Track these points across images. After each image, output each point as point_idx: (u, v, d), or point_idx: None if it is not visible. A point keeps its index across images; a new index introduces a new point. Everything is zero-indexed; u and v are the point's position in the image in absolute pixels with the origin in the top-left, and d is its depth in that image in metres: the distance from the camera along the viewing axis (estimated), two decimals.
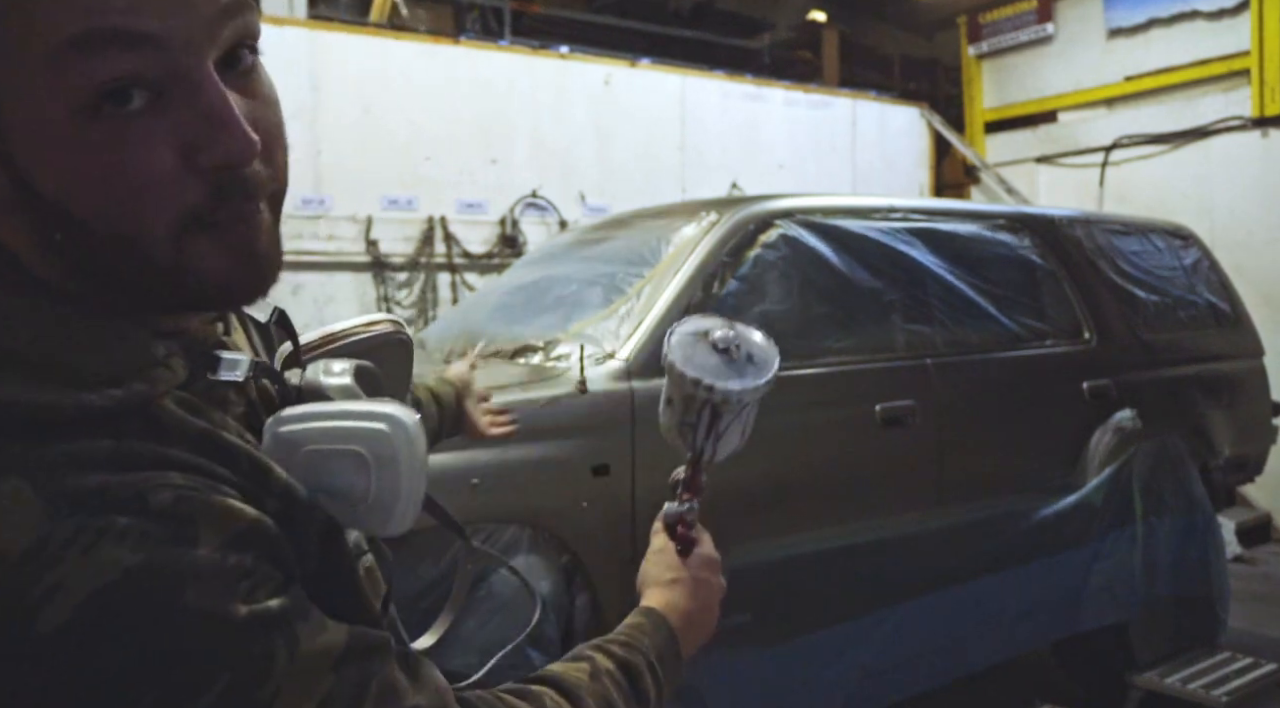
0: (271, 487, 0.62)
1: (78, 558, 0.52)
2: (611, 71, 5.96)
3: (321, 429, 0.67)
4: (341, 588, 0.66)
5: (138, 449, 0.57)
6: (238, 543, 0.57)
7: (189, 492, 0.56)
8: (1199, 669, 3.36)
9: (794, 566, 2.64)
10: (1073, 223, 3.80)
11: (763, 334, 0.96)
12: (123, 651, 0.52)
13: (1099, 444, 3.35)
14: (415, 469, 0.66)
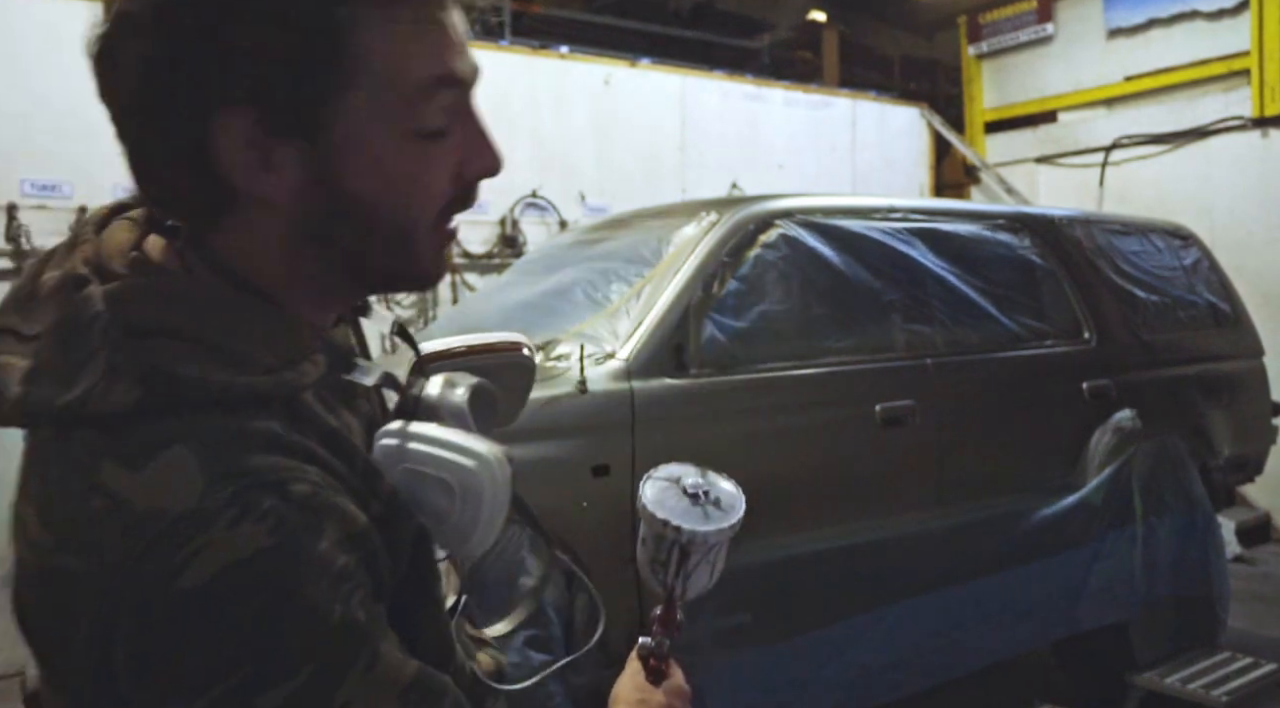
0: (379, 491, 0.69)
1: (224, 530, 0.59)
2: (611, 71, 5.96)
3: (420, 452, 0.73)
4: (424, 593, 0.73)
5: (290, 439, 0.65)
6: (349, 545, 0.64)
7: (322, 488, 0.64)
8: (1199, 669, 3.36)
9: (794, 566, 2.65)
10: (1073, 223, 3.80)
11: (732, 482, 1.02)
12: (239, 621, 0.59)
13: (1099, 444, 3.35)
14: (496, 507, 0.74)
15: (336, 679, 0.62)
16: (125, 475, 0.60)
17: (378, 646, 0.64)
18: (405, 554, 0.70)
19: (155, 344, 0.63)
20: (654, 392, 2.52)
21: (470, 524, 0.73)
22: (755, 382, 2.72)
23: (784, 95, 6.77)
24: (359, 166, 0.67)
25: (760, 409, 2.73)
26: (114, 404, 0.61)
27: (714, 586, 1.02)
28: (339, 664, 0.62)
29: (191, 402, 0.63)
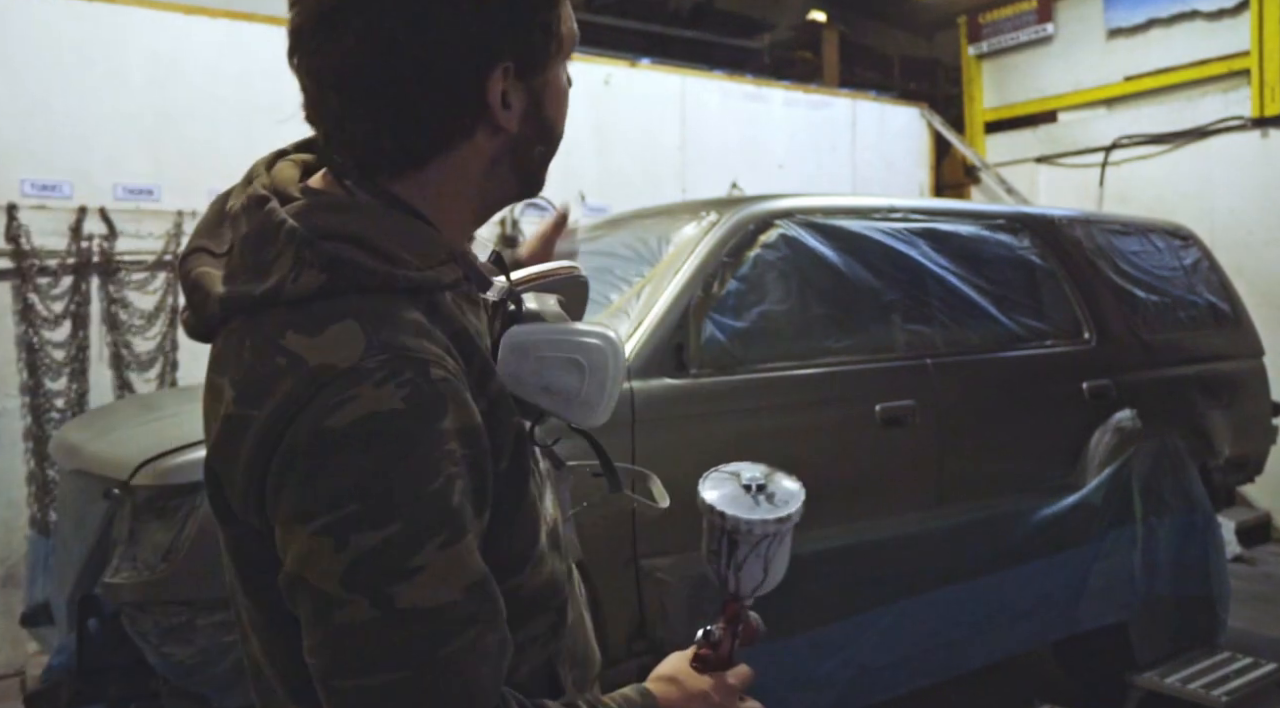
0: (489, 389, 0.83)
1: (372, 386, 0.74)
2: (611, 71, 5.96)
3: (551, 340, 0.90)
4: (518, 491, 0.85)
5: (435, 331, 0.80)
6: (463, 437, 0.77)
7: (453, 378, 0.78)
8: (1199, 669, 3.36)
9: (794, 565, 2.64)
10: (1073, 223, 3.80)
11: (795, 482, 1.07)
12: (361, 464, 0.73)
13: (1099, 444, 3.35)
14: (617, 377, 0.91)
15: (418, 542, 0.73)
16: (305, 340, 0.76)
17: (462, 532, 0.76)
18: (506, 451, 0.83)
19: (332, 244, 0.80)
20: (654, 392, 2.52)
21: (596, 396, 0.90)
22: (755, 382, 2.72)
23: (784, 95, 6.77)
24: (552, 99, 0.92)
25: (760, 409, 2.73)
26: (303, 289, 0.78)
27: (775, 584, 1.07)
28: (424, 529, 0.74)
29: (363, 286, 0.79)
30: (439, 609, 0.74)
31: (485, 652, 0.77)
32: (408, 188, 0.87)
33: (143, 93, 4.38)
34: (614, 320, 2.66)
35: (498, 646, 0.78)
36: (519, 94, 0.88)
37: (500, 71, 0.86)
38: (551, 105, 0.92)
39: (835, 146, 6.96)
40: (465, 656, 0.75)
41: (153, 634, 2.16)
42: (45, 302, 4.18)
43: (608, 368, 0.90)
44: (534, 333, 0.90)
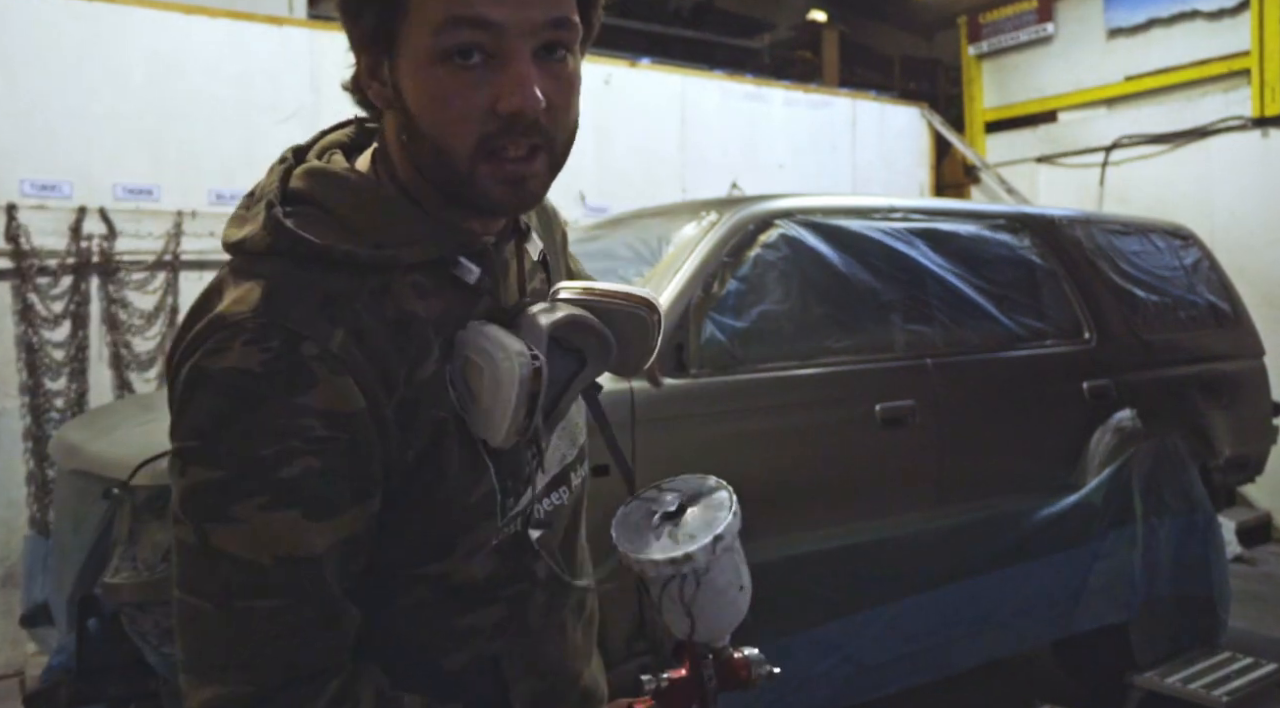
0: (415, 378, 0.84)
1: (240, 343, 0.78)
2: (611, 71, 5.96)
3: (477, 343, 0.86)
4: (431, 478, 0.86)
5: (350, 311, 0.82)
6: (328, 420, 0.79)
7: (333, 359, 0.79)
8: (1199, 669, 3.36)
9: (794, 565, 2.64)
10: (1073, 223, 3.80)
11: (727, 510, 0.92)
12: (211, 409, 0.78)
13: (1099, 444, 3.35)
14: (510, 399, 0.83)
15: (236, 495, 0.77)
16: (231, 290, 0.82)
17: (292, 504, 0.78)
18: (421, 437, 0.85)
19: (300, 210, 0.86)
20: (654, 392, 2.52)
21: (491, 408, 0.85)
22: (755, 382, 2.72)
23: (784, 95, 6.77)
24: (408, 82, 0.84)
25: (760, 409, 2.73)
26: (257, 245, 0.84)
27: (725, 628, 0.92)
28: (244, 486, 0.77)
29: (296, 253, 0.83)
30: (246, 563, 0.77)
31: (290, 625, 0.79)
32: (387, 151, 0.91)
33: (143, 93, 4.38)
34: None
35: (308, 624, 0.79)
36: (387, 70, 0.86)
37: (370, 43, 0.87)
38: (410, 90, 0.85)
39: (835, 146, 6.96)
40: (262, 621, 0.78)
41: (152, 634, 2.16)
42: (45, 302, 4.18)
43: (501, 383, 0.84)
44: (473, 330, 0.87)
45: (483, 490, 0.89)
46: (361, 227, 0.86)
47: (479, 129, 0.83)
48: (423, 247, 0.87)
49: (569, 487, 1.03)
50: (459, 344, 0.87)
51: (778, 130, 6.65)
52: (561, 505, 1.01)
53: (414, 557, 0.89)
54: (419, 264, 0.87)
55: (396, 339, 0.84)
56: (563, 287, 0.98)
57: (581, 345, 0.92)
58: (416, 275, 0.87)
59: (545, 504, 0.97)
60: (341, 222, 0.86)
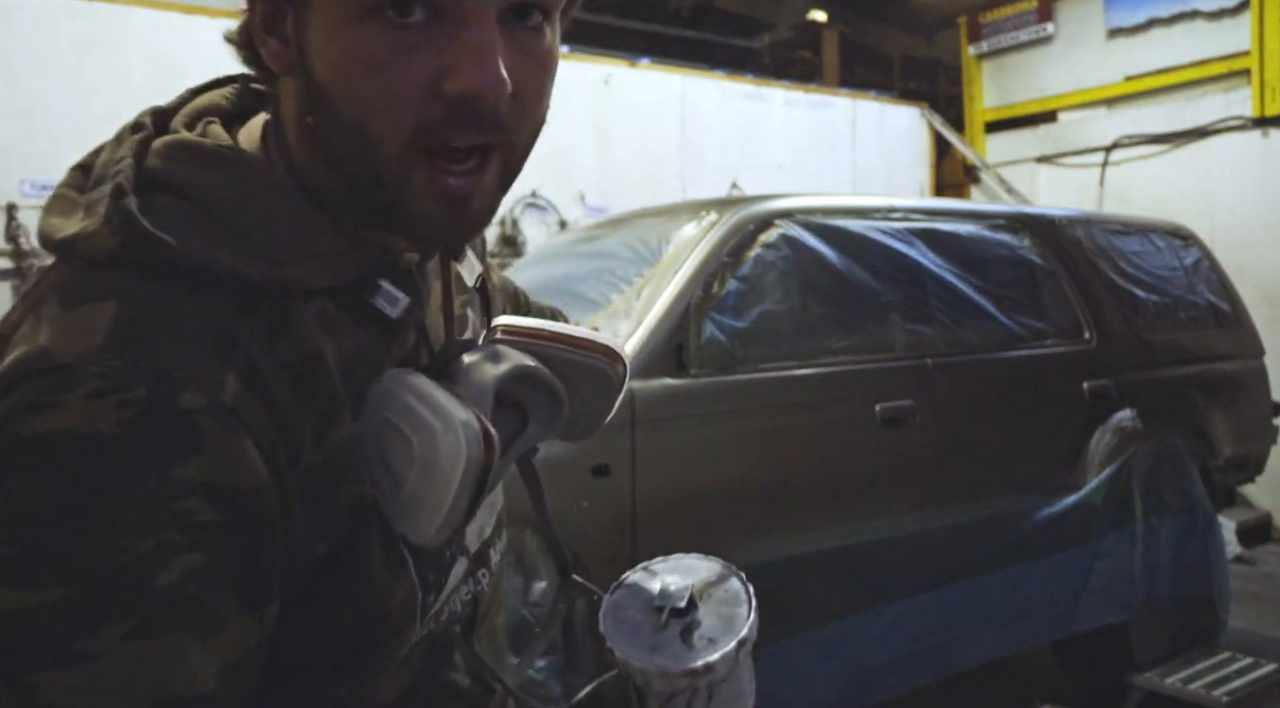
0: (327, 441, 0.62)
1: (82, 396, 0.54)
2: (611, 71, 5.96)
3: (402, 403, 0.64)
4: (351, 577, 0.63)
5: (243, 348, 0.59)
6: (214, 493, 0.55)
7: (223, 414, 0.56)
8: (1199, 670, 3.35)
9: (794, 565, 2.64)
10: (1073, 223, 3.80)
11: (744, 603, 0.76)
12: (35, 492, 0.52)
13: (1099, 444, 3.35)
14: (451, 484, 0.61)
15: (88, 621, 0.52)
16: (59, 312, 0.57)
17: (172, 626, 0.54)
18: (337, 522, 0.62)
19: (160, 200, 0.61)
20: (654, 392, 2.52)
21: (417, 499, 0.62)
22: (755, 382, 2.72)
23: (784, 95, 6.77)
24: (321, 41, 0.61)
25: (760, 409, 2.73)
26: (95, 250, 0.59)
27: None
28: (101, 607, 0.52)
29: (155, 265, 0.58)
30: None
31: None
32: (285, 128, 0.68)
33: (143, 93, 4.35)
34: (614, 320, 2.66)
35: None
36: (289, 26, 0.63)
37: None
38: (319, 51, 0.61)
39: (835, 146, 6.96)
40: None
41: None
42: None
43: (437, 464, 0.61)
44: (396, 381, 0.64)
45: (404, 590, 0.67)
46: (250, 232, 0.62)
47: (415, 115, 0.60)
48: (335, 265, 0.64)
49: (488, 568, 0.80)
50: (375, 400, 0.64)
51: (778, 130, 6.65)
52: (480, 592, 0.79)
53: (310, 679, 0.65)
54: (329, 289, 0.64)
55: (298, 389, 0.60)
56: (503, 325, 0.75)
57: (524, 401, 0.70)
58: (322, 302, 0.64)
59: (463, 593, 0.76)
60: (221, 223, 0.61)
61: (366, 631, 0.65)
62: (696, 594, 0.75)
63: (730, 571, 0.78)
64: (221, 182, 0.63)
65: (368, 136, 0.61)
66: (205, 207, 0.62)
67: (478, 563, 0.78)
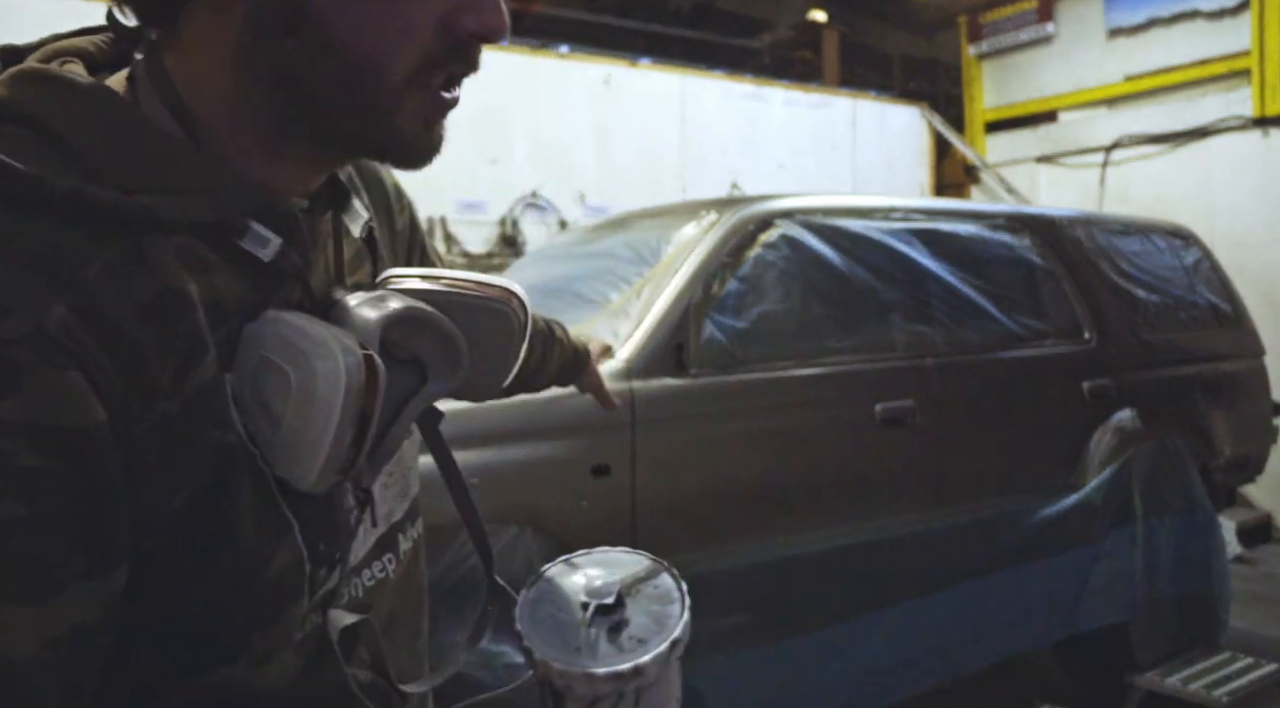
0: (186, 385, 0.56)
1: None
2: (611, 71, 5.96)
3: (278, 336, 0.59)
4: (214, 536, 0.58)
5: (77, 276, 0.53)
6: (38, 435, 0.49)
7: (48, 341, 0.50)
8: (1199, 670, 3.36)
9: (794, 566, 2.64)
10: (1073, 223, 3.80)
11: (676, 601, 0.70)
12: None
13: (1099, 444, 3.35)
14: (329, 417, 0.56)
15: None
16: None
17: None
18: (194, 470, 0.56)
19: (3, 129, 0.56)
20: (654, 392, 2.52)
21: (296, 438, 0.58)
22: (755, 382, 2.72)
23: (784, 95, 6.77)
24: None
25: (760, 409, 2.73)
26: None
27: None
28: None
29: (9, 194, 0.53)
30: None
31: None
32: (174, 62, 0.62)
33: None
34: (614, 320, 2.66)
35: None
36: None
37: None
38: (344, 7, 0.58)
39: (835, 146, 6.97)
40: None
41: None
42: None
43: (317, 399, 0.57)
44: (278, 322, 0.60)
45: (285, 558, 0.61)
46: (101, 161, 0.57)
47: (423, 49, 0.60)
48: (196, 200, 0.58)
49: (396, 555, 0.75)
50: (248, 341, 0.60)
51: (778, 130, 6.66)
52: (385, 580, 0.73)
53: (181, 660, 0.59)
54: (190, 224, 0.59)
55: (154, 327, 0.55)
56: (393, 274, 0.70)
57: (420, 354, 0.65)
58: (186, 239, 0.59)
59: (365, 577, 0.70)
60: (68, 151, 0.56)
61: (240, 601, 0.59)
62: (625, 591, 0.70)
63: (661, 566, 0.73)
64: (71, 109, 0.58)
65: (369, 66, 0.59)
66: (53, 135, 0.56)
67: (383, 547, 0.73)
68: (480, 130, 5.53)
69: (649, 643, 0.66)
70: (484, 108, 5.56)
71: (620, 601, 0.69)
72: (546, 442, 2.35)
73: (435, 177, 4.85)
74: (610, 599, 0.68)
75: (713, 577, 2.45)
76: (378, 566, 0.72)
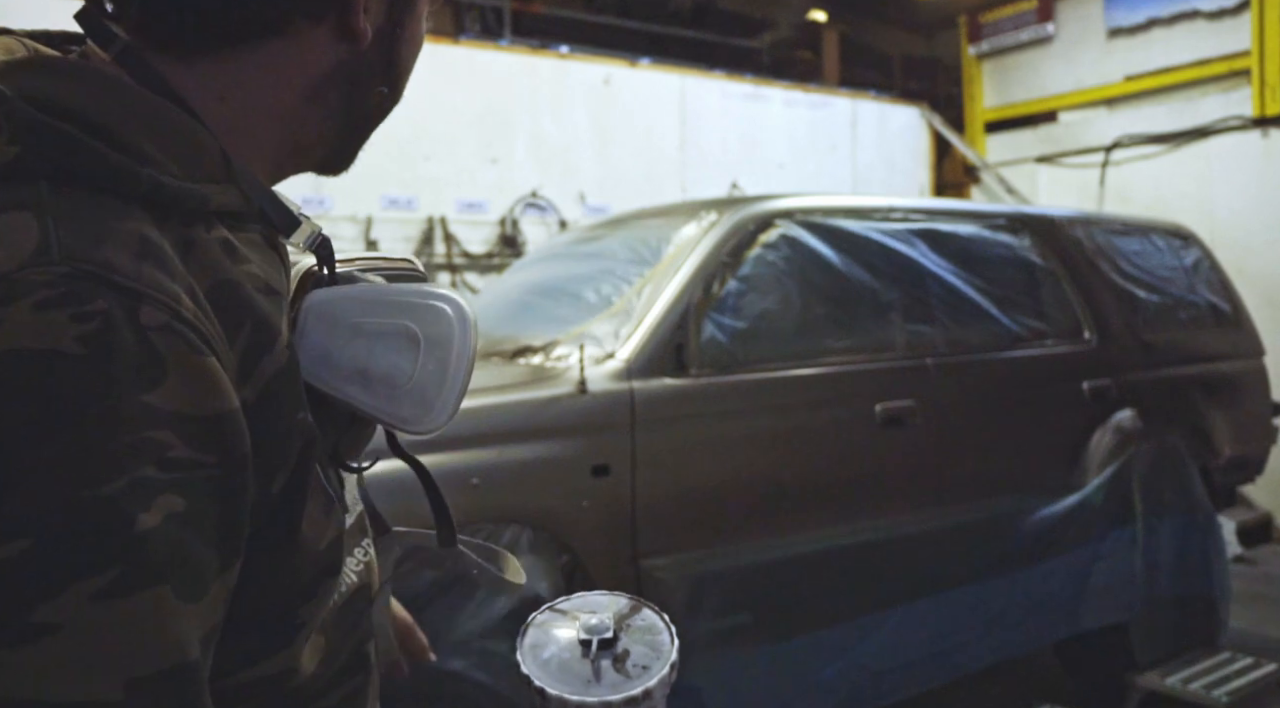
0: (260, 371, 0.56)
1: (29, 309, 0.46)
2: (611, 71, 5.96)
3: (373, 301, 0.64)
4: (294, 520, 0.57)
5: (175, 262, 0.52)
6: (189, 426, 0.48)
7: (189, 331, 0.50)
8: (1199, 669, 3.36)
9: (794, 566, 2.64)
10: (1073, 223, 3.80)
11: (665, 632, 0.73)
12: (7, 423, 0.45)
13: (1099, 444, 3.35)
14: (465, 358, 0.63)
15: (53, 581, 0.43)
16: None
17: (152, 580, 0.46)
18: (283, 466, 0.56)
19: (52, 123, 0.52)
20: (654, 392, 2.52)
21: (436, 383, 0.62)
22: (755, 382, 2.72)
23: (784, 95, 6.77)
24: (410, 34, 0.69)
25: (760, 409, 2.73)
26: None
27: None
28: (68, 562, 0.43)
29: (70, 172, 0.51)
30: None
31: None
32: (191, 77, 0.60)
33: None
34: (614, 320, 2.66)
35: None
36: (379, 3, 0.66)
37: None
38: (407, 42, 0.69)
39: (835, 146, 6.97)
40: None
41: None
42: None
43: (452, 341, 0.62)
44: (350, 293, 0.65)
45: (333, 532, 0.61)
46: (135, 142, 0.54)
47: None
48: (226, 189, 0.59)
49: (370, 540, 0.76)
50: (327, 317, 0.63)
51: (777, 130, 6.66)
52: (370, 562, 0.73)
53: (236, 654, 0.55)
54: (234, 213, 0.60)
55: (225, 314, 0.55)
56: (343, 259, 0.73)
57: None
58: (220, 230, 0.58)
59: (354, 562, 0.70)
60: (111, 141, 0.53)
61: (299, 580, 0.58)
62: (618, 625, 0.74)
63: (640, 602, 0.77)
64: (105, 98, 0.55)
65: (395, 96, 0.70)
66: (80, 117, 0.53)
67: (361, 531, 0.73)
68: (480, 130, 5.53)
69: (652, 668, 0.70)
70: (484, 108, 5.56)
71: (617, 634, 0.72)
72: (546, 442, 2.35)
73: (435, 176, 4.88)
74: (609, 633, 0.72)
75: (713, 577, 2.46)
76: (360, 550, 0.72)
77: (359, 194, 5.15)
